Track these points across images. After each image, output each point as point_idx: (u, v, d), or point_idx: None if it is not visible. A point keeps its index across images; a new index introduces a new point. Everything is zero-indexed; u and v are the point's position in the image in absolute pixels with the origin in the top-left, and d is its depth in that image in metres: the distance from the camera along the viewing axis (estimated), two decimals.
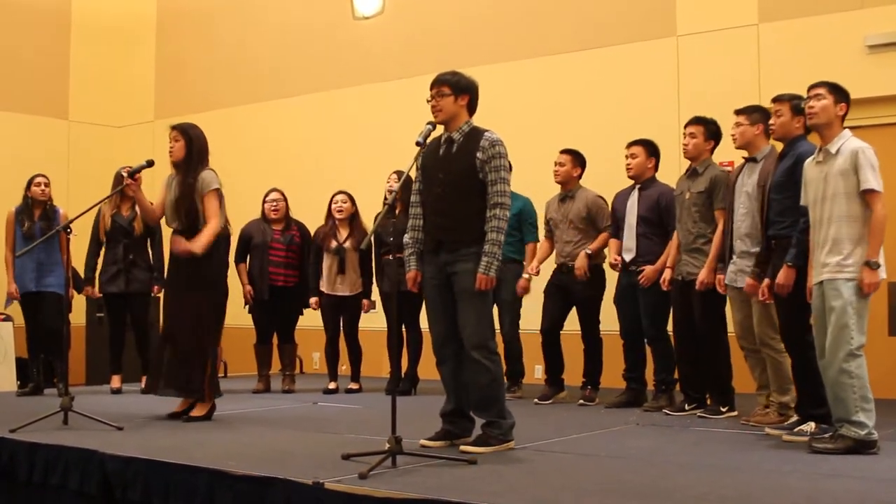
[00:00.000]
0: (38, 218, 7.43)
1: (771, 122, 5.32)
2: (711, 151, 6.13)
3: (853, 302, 4.49)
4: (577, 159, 6.88)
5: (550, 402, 6.77)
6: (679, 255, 6.10)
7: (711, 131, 6.11)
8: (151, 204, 6.00)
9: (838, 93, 4.72)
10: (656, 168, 6.56)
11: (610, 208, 6.74)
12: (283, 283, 7.61)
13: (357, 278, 7.50)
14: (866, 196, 4.52)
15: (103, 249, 7.52)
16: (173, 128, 5.83)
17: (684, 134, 6.14)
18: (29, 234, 7.34)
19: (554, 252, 6.97)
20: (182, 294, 5.75)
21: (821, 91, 4.73)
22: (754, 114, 5.60)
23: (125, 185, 5.79)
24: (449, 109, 4.73)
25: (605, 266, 6.81)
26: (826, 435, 4.62)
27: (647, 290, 6.34)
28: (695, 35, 7.79)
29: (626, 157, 6.55)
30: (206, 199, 5.69)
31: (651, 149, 6.54)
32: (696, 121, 6.14)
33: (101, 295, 7.65)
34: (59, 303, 7.12)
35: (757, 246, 5.40)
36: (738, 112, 5.71)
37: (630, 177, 6.56)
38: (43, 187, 7.48)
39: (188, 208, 5.68)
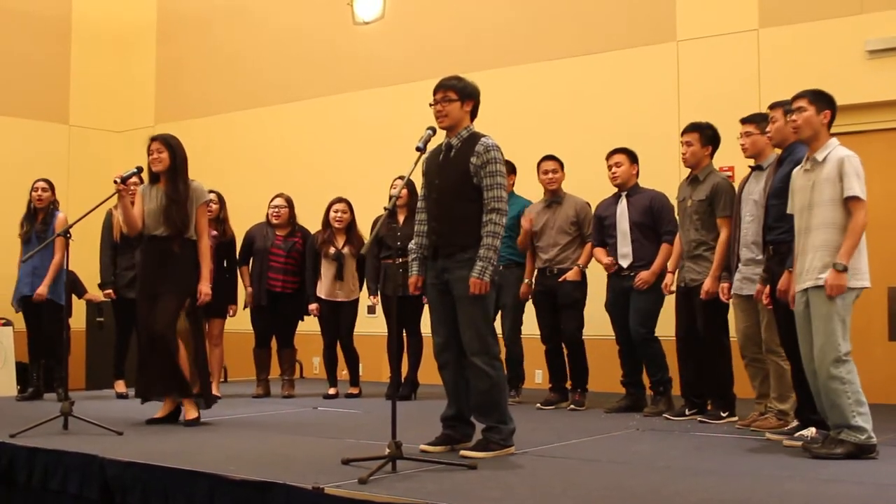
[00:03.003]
0: (39, 222, 7.40)
1: (767, 128, 5.31)
2: (711, 156, 6.11)
3: (839, 309, 4.50)
4: (561, 164, 6.93)
5: (553, 407, 6.77)
6: (681, 261, 6.10)
7: (708, 136, 6.08)
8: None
9: (820, 100, 4.71)
10: (638, 174, 6.59)
11: (593, 217, 6.76)
12: (280, 290, 7.59)
13: (354, 284, 7.51)
14: (849, 203, 4.52)
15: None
16: (154, 139, 5.88)
17: (681, 143, 6.12)
18: (26, 239, 7.32)
19: (537, 257, 6.96)
20: (152, 299, 5.75)
21: (802, 103, 4.72)
22: (763, 122, 5.52)
23: (116, 191, 5.80)
24: (455, 115, 4.72)
25: (588, 271, 6.81)
26: (826, 440, 4.62)
27: (642, 292, 6.35)
28: (695, 40, 7.80)
29: (610, 166, 6.56)
30: (200, 213, 5.83)
31: (633, 156, 6.59)
32: (692, 128, 6.12)
33: (105, 298, 7.64)
34: (52, 308, 7.13)
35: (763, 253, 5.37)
36: (746, 121, 5.67)
37: (616, 185, 6.58)
38: (40, 192, 7.40)
39: (181, 215, 5.73)
